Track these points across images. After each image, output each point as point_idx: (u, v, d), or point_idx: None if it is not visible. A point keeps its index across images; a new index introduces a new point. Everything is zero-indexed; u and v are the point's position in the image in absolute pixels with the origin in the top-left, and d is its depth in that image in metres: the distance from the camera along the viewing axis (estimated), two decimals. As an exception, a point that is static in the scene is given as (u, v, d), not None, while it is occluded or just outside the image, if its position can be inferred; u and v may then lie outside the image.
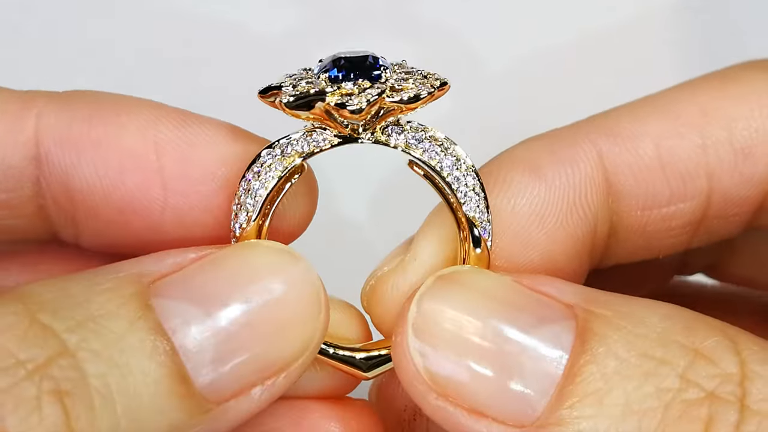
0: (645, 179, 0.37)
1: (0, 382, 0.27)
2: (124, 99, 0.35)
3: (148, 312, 0.30)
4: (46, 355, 0.28)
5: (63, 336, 0.28)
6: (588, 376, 0.30)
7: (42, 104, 0.34)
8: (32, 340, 0.28)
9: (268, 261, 0.32)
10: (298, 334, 0.32)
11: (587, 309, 0.31)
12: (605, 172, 0.37)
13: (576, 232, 0.36)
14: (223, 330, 0.31)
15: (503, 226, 0.35)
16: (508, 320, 0.31)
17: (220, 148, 0.34)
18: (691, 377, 0.30)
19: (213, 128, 0.34)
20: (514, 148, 0.38)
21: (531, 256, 0.35)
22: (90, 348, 0.29)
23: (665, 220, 0.37)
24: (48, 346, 0.28)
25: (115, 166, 0.34)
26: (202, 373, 0.30)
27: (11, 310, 0.29)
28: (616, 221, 0.37)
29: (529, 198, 0.36)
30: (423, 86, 0.33)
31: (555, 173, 0.36)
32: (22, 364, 0.28)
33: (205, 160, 0.34)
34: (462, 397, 0.31)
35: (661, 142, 0.37)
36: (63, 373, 0.28)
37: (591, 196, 0.36)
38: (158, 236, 0.35)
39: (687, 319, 0.31)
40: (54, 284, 0.30)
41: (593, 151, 0.37)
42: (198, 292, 0.31)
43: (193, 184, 0.34)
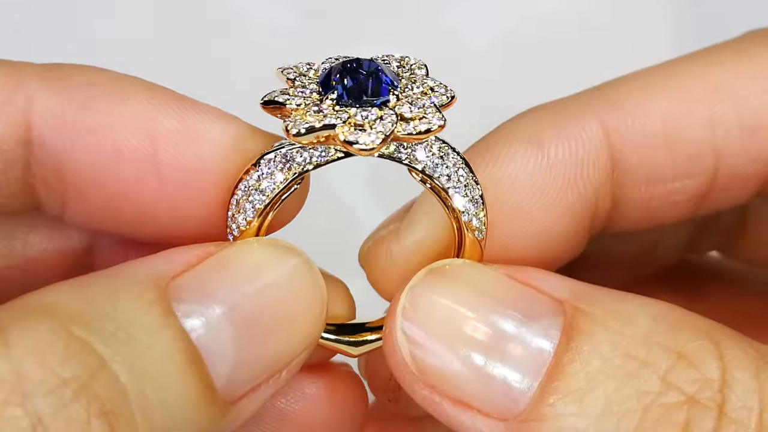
0: (651, 156, 0.36)
1: (48, 406, 0.26)
2: (122, 82, 0.34)
3: (171, 319, 0.30)
4: (89, 372, 0.27)
5: (99, 349, 0.28)
6: (571, 374, 0.30)
7: (35, 85, 0.33)
8: (73, 357, 0.27)
9: (274, 259, 0.32)
10: (304, 328, 0.33)
11: (576, 306, 0.31)
12: (610, 149, 0.36)
13: (576, 207, 0.35)
14: (240, 332, 0.31)
15: (501, 198, 0.35)
16: (497, 313, 0.31)
17: (219, 141, 0.33)
18: (671, 380, 0.29)
19: (213, 119, 0.34)
20: (517, 120, 0.37)
21: (528, 230, 0.35)
22: (124, 361, 0.28)
23: (669, 195, 0.37)
24: (88, 362, 0.27)
25: (109, 156, 0.33)
26: (222, 377, 0.30)
27: (46, 327, 0.27)
28: (618, 195, 0.37)
29: (530, 172, 0.35)
30: (433, 112, 0.31)
31: (558, 148, 0.35)
32: (67, 383, 0.27)
33: (203, 152, 0.33)
34: (448, 388, 0.31)
35: (669, 119, 0.36)
36: (106, 391, 0.27)
37: (594, 172, 0.36)
38: (149, 224, 0.34)
39: (674, 319, 0.31)
40: (75, 293, 0.29)
41: (599, 126, 0.36)
42: (215, 295, 0.31)
43: (189, 176, 0.33)
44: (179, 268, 0.31)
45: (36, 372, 0.26)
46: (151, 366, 0.28)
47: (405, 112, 0.31)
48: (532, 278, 0.32)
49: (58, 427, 0.26)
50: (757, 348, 0.30)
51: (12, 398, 0.26)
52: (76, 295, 0.29)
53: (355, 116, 0.31)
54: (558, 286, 0.32)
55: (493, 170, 0.35)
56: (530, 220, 0.35)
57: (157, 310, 0.29)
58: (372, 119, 0.31)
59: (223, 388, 0.30)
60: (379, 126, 0.31)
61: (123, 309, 0.29)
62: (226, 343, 0.31)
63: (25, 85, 0.33)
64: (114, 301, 0.29)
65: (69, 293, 0.29)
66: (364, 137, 0.30)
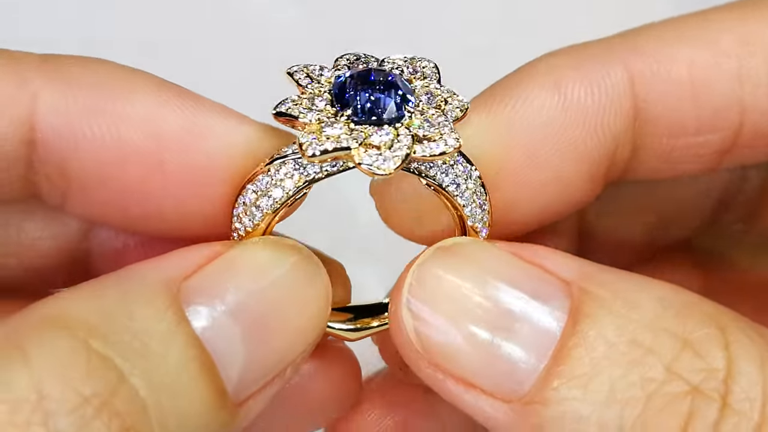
0: (675, 107, 0.35)
1: (71, 425, 0.26)
2: (127, 80, 0.33)
3: (184, 325, 0.30)
4: (110, 389, 0.27)
5: (118, 363, 0.28)
6: (576, 359, 0.30)
7: (39, 83, 0.32)
8: (94, 373, 0.27)
9: (280, 258, 0.32)
10: (310, 325, 0.33)
11: (583, 288, 0.31)
12: (634, 97, 0.34)
13: (593, 155, 0.34)
14: (249, 333, 0.31)
15: (515, 143, 0.34)
16: (504, 291, 0.31)
17: (226, 141, 0.33)
18: (676, 369, 0.29)
19: (220, 118, 0.33)
20: (538, 61, 0.35)
21: (541, 177, 0.34)
22: (143, 374, 0.28)
23: (691, 148, 0.36)
24: (109, 378, 0.27)
25: (114, 157, 0.32)
26: (232, 380, 0.31)
27: (65, 341, 0.27)
28: (639, 145, 0.36)
29: (547, 116, 0.34)
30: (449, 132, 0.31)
31: (580, 93, 0.34)
32: (89, 401, 0.27)
33: (209, 153, 0.33)
34: (452, 367, 0.31)
35: (696, 70, 0.34)
36: (126, 406, 0.27)
37: (616, 119, 0.34)
38: (153, 219, 0.34)
39: (681, 304, 0.31)
40: (89, 301, 0.29)
41: (624, 72, 0.34)
42: (224, 297, 0.31)
43: (195, 175, 0.33)
44: (189, 269, 0.31)
45: (58, 390, 0.26)
46: (167, 376, 0.29)
47: (420, 131, 0.31)
48: (540, 257, 0.32)
49: None
50: (763, 334, 0.30)
51: (34, 418, 0.26)
52: (90, 304, 0.29)
53: (371, 137, 0.30)
54: (565, 265, 0.32)
55: (508, 112, 0.34)
56: (544, 167, 0.34)
57: (171, 317, 0.29)
58: (388, 141, 0.30)
59: (233, 390, 0.30)
60: (395, 149, 0.30)
61: (138, 317, 0.29)
62: (236, 346, 0.31)
63: (28, 82, 0.32)
64: (128, 309, 0.29)
65: (83, 302, 0.29)
66: (380, 162, 0.30)
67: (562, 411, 0.29)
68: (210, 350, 0.30)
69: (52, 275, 0.38)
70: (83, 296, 0.29)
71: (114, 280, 0.31)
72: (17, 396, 0.26)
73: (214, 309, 0.30)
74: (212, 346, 0.30)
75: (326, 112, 0.31)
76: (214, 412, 0.30)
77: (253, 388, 0.31)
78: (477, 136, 0.34)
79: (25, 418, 0.26)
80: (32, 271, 0.37)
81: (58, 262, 0.38)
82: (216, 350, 0.30)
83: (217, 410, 0.30)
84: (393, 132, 0.31)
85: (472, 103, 0.34)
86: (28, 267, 0.37)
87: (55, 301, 0.29)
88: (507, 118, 0.34)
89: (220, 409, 0.30)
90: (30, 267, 0.37)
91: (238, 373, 0.31)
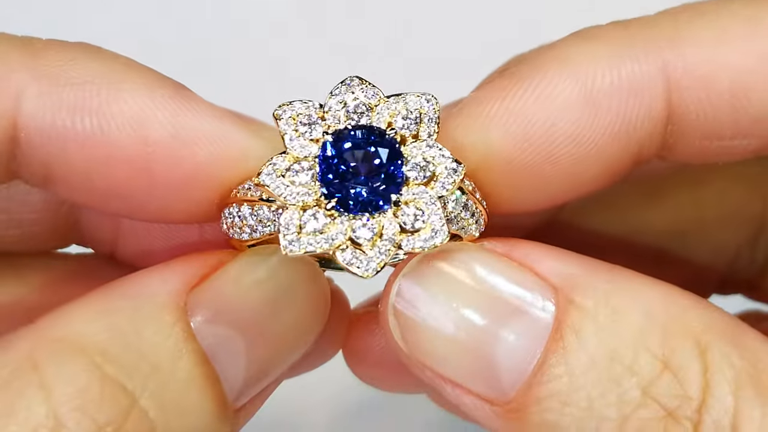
0: (712, 116, 0.33)
1: None
2: (116, 76, 0.32)
3: (190, 342, 0.30)
4: (123, 414, 0.28)
5: (129, 387, 0.29)
6: (557, 375, 0.30)
7: (25, 80, 0.31)
8: (108, 400, 0.28)
9: (282, 268, 0.32)
10: (310, 331, 0.33)
11: (569, 297, 0.31)
12: (668, 102, 0.32)
13: (615, 157, 0.33)
14: (251, 344, 0.32)
15: (534, 144, 0.32)
16: (489, 300, 0.31)
17: (215, 149, 0.32)
18: (653, 393, 0.29)
19: (211, 121, 0.32)
20: (567, 46, 0.32)
21: (556, 173, 0.32)
22: (152, 395, 0.29)
23: (726, 149, 0.34)
24: (121, 403, 0.28)
25: (99, 159, 0.31)
26: (234, 390, 0.31)
27: (80, 367, 0.28)
28: (669, 144, 0.34)
29: (572, 119, 0.32)
30: (439, 223, 0.30)
31: (612, 101, 0.32)
32: (103, 429, 0.28)
33: (197, 161, 0.32)
34: (442, 372, 0.32)
35: (737, 77, 0.32)
36: (136, 428, 0.28)
37: (644, 125, 0.32)
38: (139, 214, 0.34)
39: (667, 318, 0.30)
40: (100, 320, 0.30)
41: (659, 77, 0.32)
42: (228, 310, 0.31)
43: (182, 182, 0.32)
44: (195, 279, 0.31)
45: (74, 419, 0.27)
46: (175, 394, 0.29)
47: (408, 223, 0.30)
48: (530, 258, 0.32)
49: None
50: (744, 355, 0.30)
51: None
52: (101, 323, 0.30)
53: (355, 233, 0.30)
54: (554, 268, 0.31)
55: (532, 107, 0.32)
56: (561, 164, 0.32)
57: (178, 334, 0.30)
58: (371, 238, 0.30)
59: (234, 400, 0.31)
60: (380, 247, 0.30)
61: (146, 335, 0.30)
62: (240, 357, 0.31)
63: (13, 79, 0.31)
64: (137, 326, 0.30)
65: (94, 321, 0.30)
66: (363, 264, 0.30)
67: (543, 420, 0.30)
68: (215, 364, 0.31)
69: (45, 235, 0.38)
70: (94, 315, 0.30)
71: (122, 293, 0.31)
72: (36, 423, 0.27)
73: (218, 323, 0.31)
74: (217, 360, 0.31)
75: (311, 190, 0.30)
76: (218, 423, 0.31)
77: (252, 394, 0.32)
78: (491, 127, 0.32)
79: None
80: (25, 229, 0.37)
81: (48, 218, 0.38)
82: (221, 363, 0.31)
83: (222, 420, 0.31)
84: (378, 225, 0.30)
85: (488, 85, 0.32)
86: (20, 224, 0.37)
87: (67, 318, 0.30)
88: (529, 114, 0.32)
89: (224, 419, 0.31)
90: (23, 223, 0.37)
91: (241, 384, 0.31)
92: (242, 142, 0.32)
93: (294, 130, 0.31)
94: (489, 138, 0.32)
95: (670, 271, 0.43)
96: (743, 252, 0.44)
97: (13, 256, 0.38)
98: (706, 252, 0.45)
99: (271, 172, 0.30)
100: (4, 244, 0.37)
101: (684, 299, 0.31)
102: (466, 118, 0.32)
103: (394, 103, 0.31)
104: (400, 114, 0.31)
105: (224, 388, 0.31)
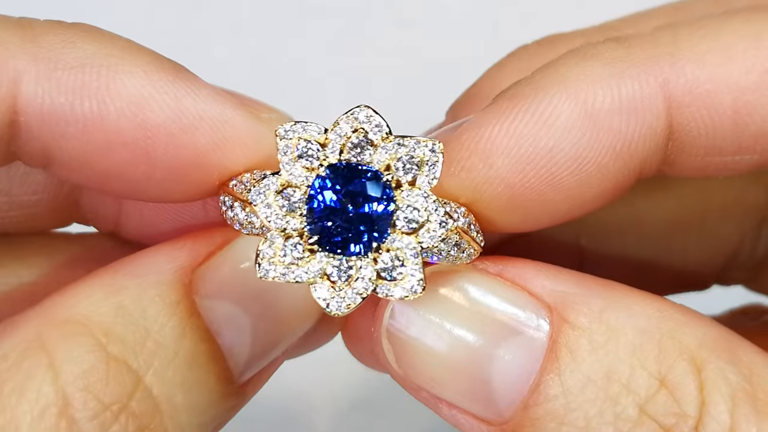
0: (714, 135, 0.33)
1: (93, 430, 0.28)
2: (115, 58, 0.31)
3: (195, 319, 0.31)
4: (127, 393, 0.29)
5: (134, 366, 0.30)
6: (553, 395, 0.30)
7: (22, 66, 0.30)
8: (113, 379, 0.29)
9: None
10: (315, 310, 0.34)
11: (563, 316, 0.31)
12: (671, 122, 0.32)
13: (617, 177, 0.32)
14: (257, 322, 0.32)
15: (537, 167, 0.31)
16: (482, 321, 0.31)
17: (216, 134, 0.32)
18: (650, 411, 0.30)
19: (212, 104, 0.32)
20: (567, 68, 0.32)
21: (558, 199, 0.32)
22: (156, 372, 0.30)
23: (728, 165, 0.34)
24: (126, 383, 0.29)
25: (99, 144, 0.31)
26: (240, 366, 0.32)
27: (86, 347, 0.29)
28: (672, 159, 0.33)
29: (574, 141, 0.31)
30: (415, 272, 0.30)
31: (613, 121, 0.31)
32: (109, 407, 0.29)
33: (198, 146, 0.32)
34: (438, 393, 0.32)
35: (740, 95, 0.32)
36: (141, 406, 0.29)
37: (646, 144, 0.32)
38: (139, 196, 0.34)
39: (662, 335, 0.31)
40: (107, 299, 0.31)
41: (661, 95, 0.32)
42: (234, 288, 0.32)
43: (183, 168, 0.32)
44: (201, 257, 0.32)
45: (81, 398, 0.29)
46: (179, 372, 0.30)
47: (386, 272, 0.30)
48: (524, 278, 0.32)
49: None
50: (740, 371, 0.30)
51: (62, 423, 0.28)
52: (107, 303, 0.30)
53: (332, 272, 0.30)
54: (547, 287, 0.31)
55: (533, 130, 0.31)
56: (563, 190, 0.32)
57: (182, 312, 0.31)
58: (347, 279, 0.30)
59: (239, 375, 0.32)
60: (355, 287, 0.30)
61: (151, 314, 0.31)
62: (244, 333, 0.32)
63: (11, 64, 0.31)
64: (142, 305, 0.31)
65: (101, 300, 0.30)
66: (336, 301, 0.30)
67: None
68: (220, 341, 0.31)
69: (46, 215, 0.38)
70: (100, 295, 0.31)
71: (127, 272, 0.32)
72: (46, 402, 0.28)
73: (223, 300, 0.32)
74: (222, 337, 0.31)
75: (296, 220, 0.30)
76: (223, 399, 0.32)
77: (258, 369, 0.33)
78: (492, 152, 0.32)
79: (54, 422, 0.28)
80: (26, 210, 0.37)
81: (49, 199, 0.38)
82: (225, 340, 0.32)
83: (226, 397, 0.32)
84: (355, 268, 0.30)
85: (488, 107, 0.32)
86: (21, 205, 0.37)
87: (75, 300, 0.30)
88: (532, 138, 0.31)
89: (229, 395, 0.32)
90: (23, 205, 0.37)
91: (245, 361, 0.32)
92: (244, 126, 0.32)
93: (292, 154, 0.31)
94: (490, 163, 0.31)
95: (672, 262, 0.44)
96: (745, 243, 0.44)
97: (13, 237, 0.38)
98: (708, 243, 0.44)
99: (261, 192, 0.30)
100: (5, 225, 0.38)
101: (678, 314, 0.31)
102: (466, 143, 0.31)
103: (398, 146, 0.30)
104: (402, 159, 0.30)
105: (229, 364, 0.32)
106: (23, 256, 0.38)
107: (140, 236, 0.38)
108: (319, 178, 0.30)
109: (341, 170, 0.30)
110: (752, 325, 0.45)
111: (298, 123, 0.31)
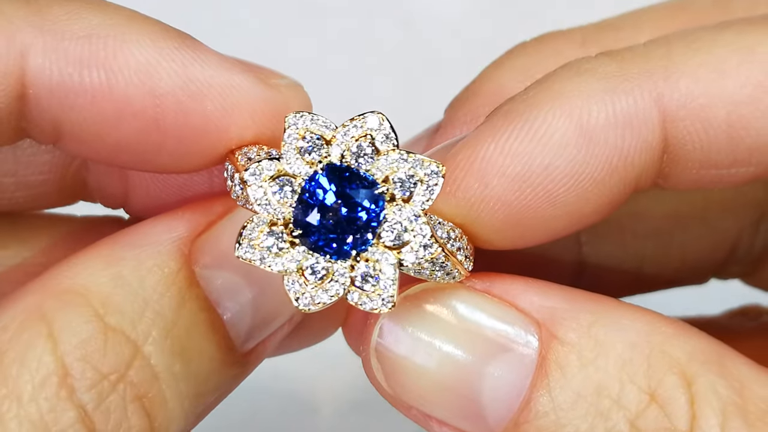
0: (710, 146, 0.33)
1: (91, 400, 0.29)
2: (121, 28, 0.31)
3: (194, 289, 0.31)
4: (125, 363, 0.30)
5: (132, 336, 0.30)
6: (543, 411, 0.30)
7: (29, 39, 0.31)
8: (111, 349, 0.29)
9: None
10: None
11: (552, 332, 0.31)
12: (666, 136, 0.32)
13: (614, 191, 0.32)
14: (258, 292, 0.32)
15: (533, 185, 0.31)
16: (471, 340, 0.31)
17: (225, 101, 0.32)
18: (641, 426, 0.30)
19: (220, 71, 0.32)
20: (561, 83, 0.32)
21: (555, 216, 0.32)
22: (154, 341, 0.30)
23: (723, 177, 0.34)
24: (124, 352, 0.30)
25: (108, 115, 0.31)
26: (241, 336, 0.32)
27: (84, 318, 0.30)
28: (667, 172, 0.33)
29: (569, 157, 0.31)
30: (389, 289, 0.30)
31: (608, 135, 0.31)
32: (106, 377, 0.29)
33: (207, 113, 0.32)
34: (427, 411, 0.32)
35: (734, 109, 0.32)
36: (139, 376, 0.30)
37: (641, 157, 0.32)
38: (149, 167, 0.34)
39: (651, 350, 0.31)
40: (106, 270, 0.31)
41: (657, 113, 0.32)
42: (235, 259, 0.31)
43: (193, 135, 0.32)
44: (200, 227, 0.32)
45: (79, 367, 0.29)
46: (178, 341, 0.31)
47: (358, 281, 0.30)
48: (511, 294, 0.32)
49: (100, 418, 0.29)
50: (730, 384, 0.30)
51: (62, 392, 0.29)
52: (107, 272, 0.31)
53: (307, 269, 0.30)
54: (535, 302, 0.31)
55: (528, 148, 0.31)
56: (559, 205, 0.32)
57: (181, 282, 0.31)
58: (321, 279, 0.30)
59: (241, 345, 0.32)
60: (327, 287, 0.30)
61: (149, 284, 0.31)
62: (246, 305, 0.32)
63: (18, 37, 0.31)
64: (141, 275, 0.31)
65: (100, 271, 0.31)
66: (306, 298, 0.30)
67: None
68: (220, 311, 0.32)
69: (53, 195, 0.38)
70: (99, 266, 0.31)
71: (127, 242, 0.32)
72: (46, 371, 0.29)
73: (223, 270, 0.32)
74: (222, 306, 0.32)
75: (285, 210, 0.30)
76: (225, 368, 0.32)
77: (260, 339, 0.33)
78: (488, 171, 0.31)
79: (54, 391, 0.28)
80: (33, 190, 0.38)
81: (55, 181, 0.38)
82: (226, 309, 0.32)
83: (228, 366, 0.32)
84: (330, 270, 0.30)
85: (482, 125, 0.32)
86: (28, 186, 0.37)
87: (75, 271, 0.31)
88: (527, 156, 0.31)
89: (231, 364, 0.32)
90: (30, 185, 0.37)
91: (247, 330, 0.32)
92: (252, 91, 0.32)
93: (296, 145, 0.30)
94: (486, 182, 0.31)
95: (671, 257, 0.44)
96: (744, 237, 0.44)
97: (15, 217, 0.38)
98: (708, 237, 0.44)
99: (255, 174, 0.30)
100: (12, 205, 0.38)
101: (667, 327, 0.31)
102: (461, 163, 0.31)
103: (402, 160, 0.30)
104: (402, 175, 0.30)
105: (230, 333, 0.32)
106: (24, 238, 0.38)
107: (148, 212, 0.37)
108: (316, 174, 0.30)
109: (340, 171, 0.30)
110: (751, 325, 0.45)
111: (310, 114, 0.30)
